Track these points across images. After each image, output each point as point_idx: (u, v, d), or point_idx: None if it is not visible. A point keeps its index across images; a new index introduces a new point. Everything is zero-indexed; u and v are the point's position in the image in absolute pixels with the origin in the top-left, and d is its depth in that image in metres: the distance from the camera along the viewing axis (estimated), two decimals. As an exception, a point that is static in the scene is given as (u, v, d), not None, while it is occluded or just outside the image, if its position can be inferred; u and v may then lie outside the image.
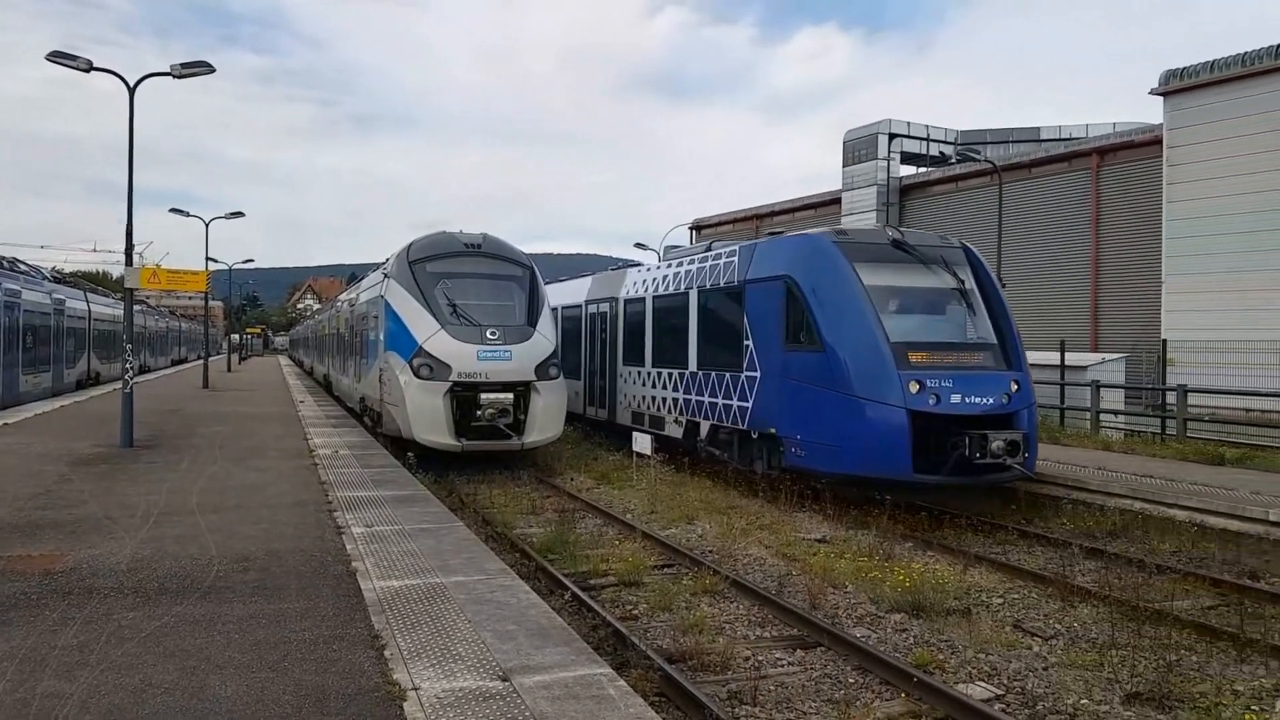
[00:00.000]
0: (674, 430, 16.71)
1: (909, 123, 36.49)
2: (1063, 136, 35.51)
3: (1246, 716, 5.51)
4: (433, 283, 16.08)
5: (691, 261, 16.54)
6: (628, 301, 19.01)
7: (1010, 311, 13.02)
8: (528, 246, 18.52)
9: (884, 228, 13.99)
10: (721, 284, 15.14)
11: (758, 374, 13.66)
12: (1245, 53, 22.86)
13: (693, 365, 15.92)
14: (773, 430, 13.26)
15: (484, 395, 15.25)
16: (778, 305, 13.20)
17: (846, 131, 37.38)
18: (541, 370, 15.71)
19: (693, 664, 6.91)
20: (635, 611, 8.35)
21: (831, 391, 11.92)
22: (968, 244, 13.82)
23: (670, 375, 16.87)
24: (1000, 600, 8.74)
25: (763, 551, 10.66)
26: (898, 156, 36.16)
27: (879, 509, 11.89)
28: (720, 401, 14.82)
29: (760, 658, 7.24)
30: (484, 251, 16.87)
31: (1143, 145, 27.17)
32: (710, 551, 10.61)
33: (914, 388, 11.40)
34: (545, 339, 16.07)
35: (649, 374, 17.83)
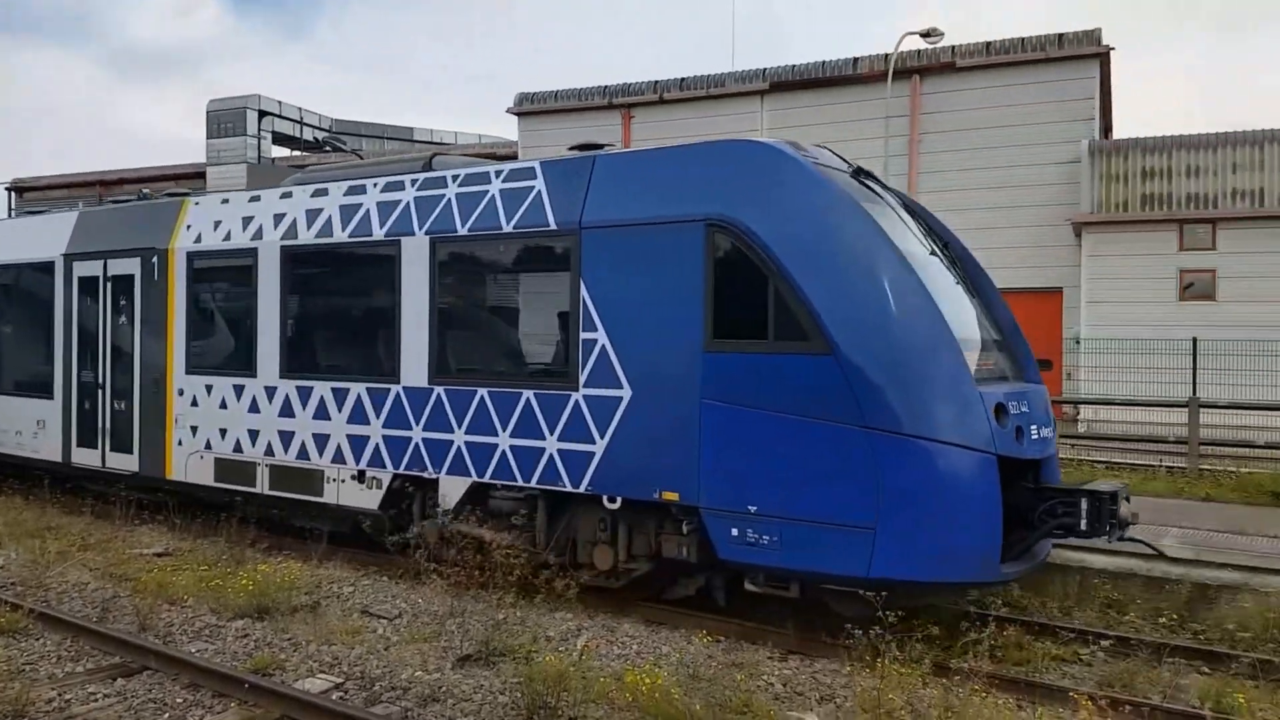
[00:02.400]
0: (352, 495, 9.61)
1: (280, 102, 35.67)
2: (434, 140, 38.26)
3: (548, 658, 6.51)
4: None
5: (402, 185, 9.43)
6: (200, 256, 11.00)
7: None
8: None
9: (820, 146, 8.49)
10: (507, 229, 8.60)
11: (622, 393, 7.88)
12: (581, 89, 27.34)
13: (416, 376, 9.11)
14: (669, 496, 7.67)
15: None
16: (688, 270, 7.60)
17: (210, 101, 35.06)
18: None
19: (-35, 726, 5.73)
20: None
21: (850, 427, 6.89)
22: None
23: (346, 395, 9.60)
24: (351, 589, 9.01)
25: (86, 575, 9.38)
26: (270, 135, 35.10)
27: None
28: (505, 443, 8.56)
29: (69, 696, 6.35)
30: None
31: (503, 158, 30.66)
32: (13, 584, 8.97)
33: (997, 416, 6.98)
34: None
35: (271, 392, 10.25)
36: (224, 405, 10.74)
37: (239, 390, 10.59)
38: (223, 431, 10.75)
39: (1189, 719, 6.05)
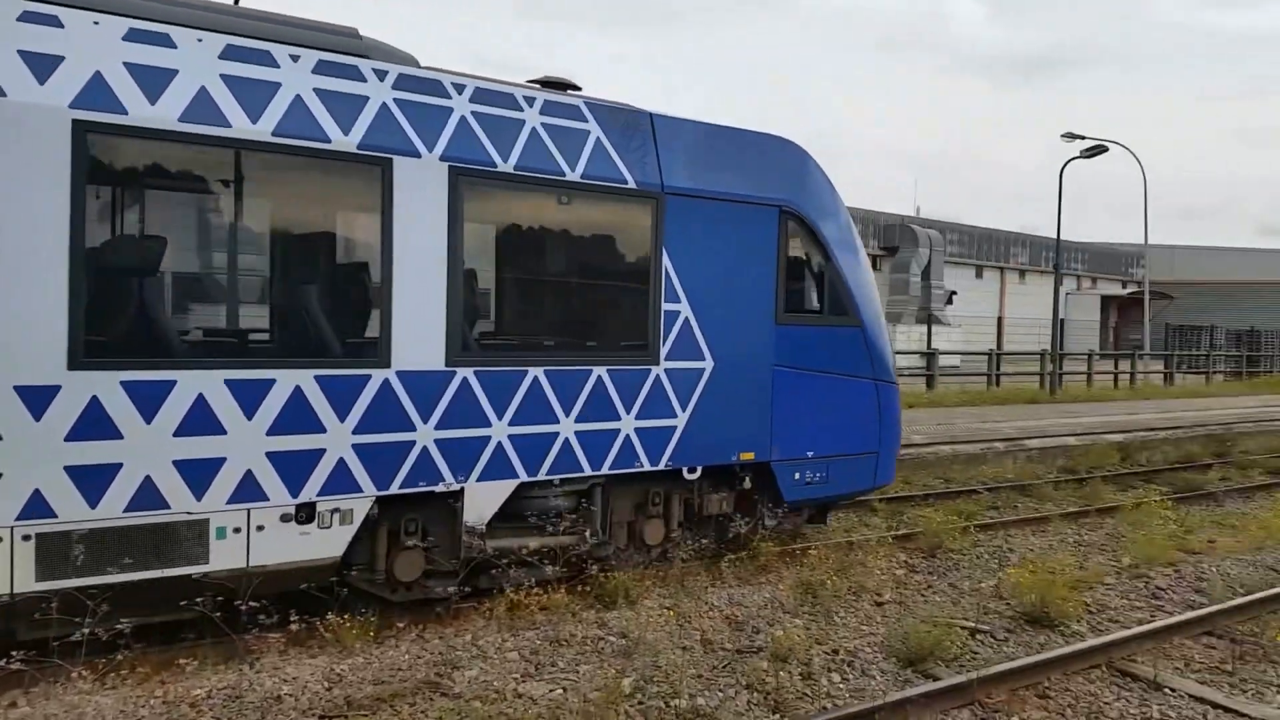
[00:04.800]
0: (283, 548, 6.46)
1: None
2: None
3: None
4: None
5: (358, 74, 6.71)
6: None
7: None
8: None
9: None
10: (573, 176, 7.59)
11: (704, 365, 8.42)
12: None
13: (423, 356, 6.98)
14: (746, 457, 8.75)
15: None
16: (767, 248, 8.75)
17: None
18: None
19: None
20: None
21: (870, 380, 9.69)
22: None
23: (266, 391, 6.38)
24: None
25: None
26: None
27: None
28: (568, 429, 7.74)
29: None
30: None
31: None
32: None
33: None
34: None
35: (35, 398, 5.59)
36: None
37: None
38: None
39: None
